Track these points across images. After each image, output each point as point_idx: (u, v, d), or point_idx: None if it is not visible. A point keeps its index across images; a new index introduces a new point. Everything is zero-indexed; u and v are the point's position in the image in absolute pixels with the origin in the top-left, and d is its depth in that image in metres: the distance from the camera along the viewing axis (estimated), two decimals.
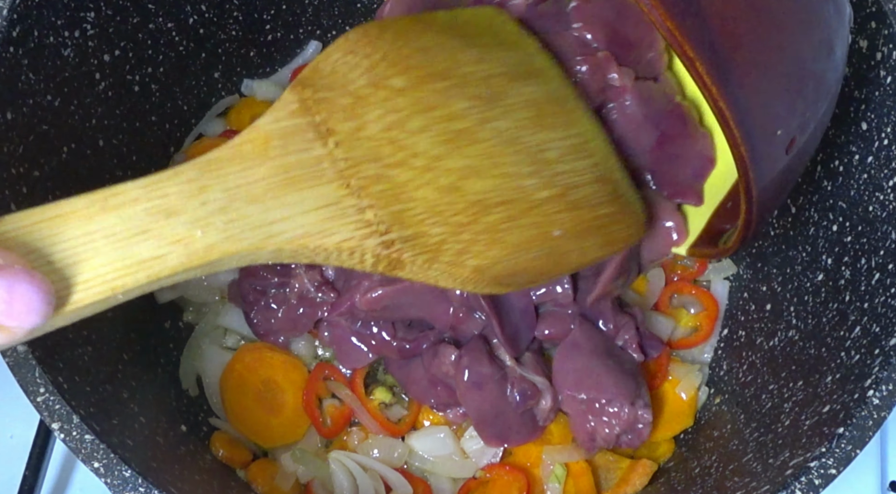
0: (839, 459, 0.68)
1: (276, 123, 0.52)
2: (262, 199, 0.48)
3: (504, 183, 0.60)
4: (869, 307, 0.75)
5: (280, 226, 0.48)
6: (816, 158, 0.86)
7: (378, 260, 0.53)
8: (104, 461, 0.66)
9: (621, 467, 0.93)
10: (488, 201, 0.59)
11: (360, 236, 0.52)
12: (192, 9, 0.96)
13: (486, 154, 0.60)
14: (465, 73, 0.62)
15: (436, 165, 0.57)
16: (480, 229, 0.58)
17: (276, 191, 0.49)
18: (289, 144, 0.51)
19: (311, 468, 0.91)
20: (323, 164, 0.52)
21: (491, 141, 0.60)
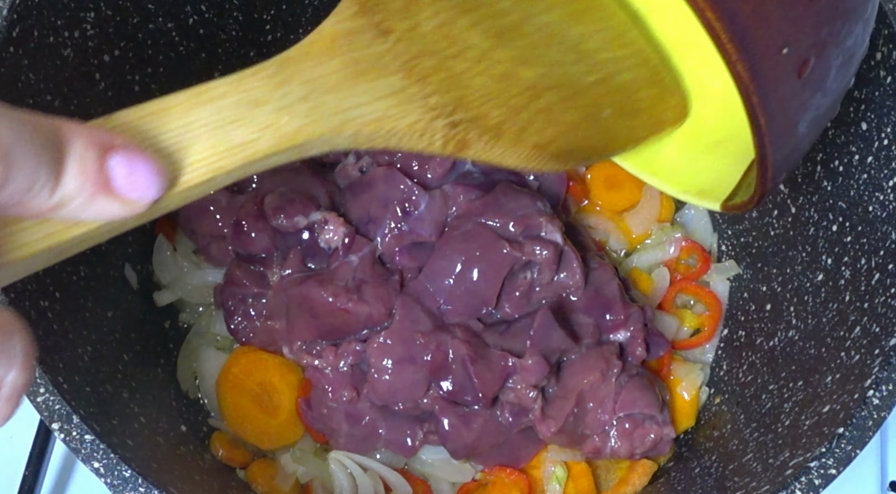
0: (839, 459, 0.68)
1: (340, 24, 0.56)
2: (336, 89, 0.52)
3: (552, 70, 0.65)
4: (869, 308, 0.75)
5: (356, 111, 0.52)
6: (816, 158, 0.86)
7: (447, 140, 0.57)
8: (104, 461, 0.66)
9: (621, 467, 0.93)
10: (539, 85, 0.63)
11: (429, 118, 0.56)
12: (192, 9, 0.96)
13: (533, 45, 0.65)
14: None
15: (488, 55, 0.62)
16: (536, 111, 0.62)
17: (348, 82, 0.53)
18: (353, 42, 0.55)
19: (310, 468, 0.91)
20: (386, 57, 0.56)
21: (536, 34, 0.65)
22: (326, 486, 0.90)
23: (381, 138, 0.54)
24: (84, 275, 0.83)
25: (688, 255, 1.03)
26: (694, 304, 1.02)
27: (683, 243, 1.03)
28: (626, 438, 0.89)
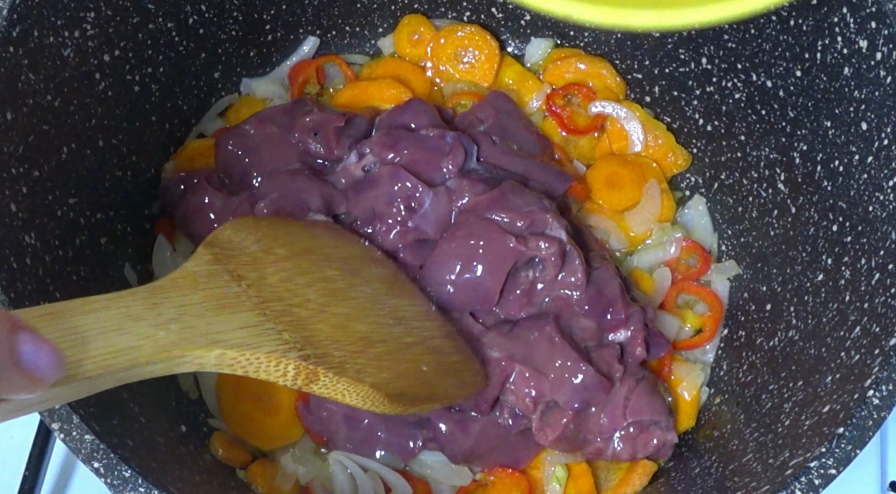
0: (839, 459, 0.68)
1: (199, 267, 0.67)
2: (203, 316, 0.61)
3: (378, 329, 0.78)
4: (869, 308, 0.75)
5: (222, 335, 0.61)
6: (816, 159, 0.86)
7: (298, 372, 0.65)
8: (104, 461, 0.66)
9: (621, 467, 0.93)
10: (371, 338, 0.75)
11: (283, 350, 0.65)
12: (191, 9, 0.96)
13: (360, 308, 0.78)
14: (327, 252, 0.83)
15: (325, 309, 0.74)
16: (370, 358, 0.73)
17: (211, 312, 0.62)
18: (212, 282, 0.66)
19: (310, 468, 0.91)
20: (242, 297, 0.67)
21: (360, 299, 0.79)
22: (326, 486, 0.90)
23: (242, 364, 0.62)
24: (84, 275, 0.83)
25: (688, 255, 1.03)
26: (695, 304, 1.02)
27: (684, 243, 1.03)
28: (630, 442, 0.89)
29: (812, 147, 0.87)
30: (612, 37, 1.08)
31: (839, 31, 0.80)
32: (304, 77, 1.07)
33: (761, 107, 0.94)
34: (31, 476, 0.93)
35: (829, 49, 0.81)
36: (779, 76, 0.89)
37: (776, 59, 0.89)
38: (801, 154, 0.89)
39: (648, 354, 0.92)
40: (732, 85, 0.97)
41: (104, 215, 0.90)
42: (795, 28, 0.85)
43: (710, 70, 0.99)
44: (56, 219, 0.80)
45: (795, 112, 0.88)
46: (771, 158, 0.94)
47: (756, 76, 0.93)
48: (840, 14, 0.79)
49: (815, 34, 0.83)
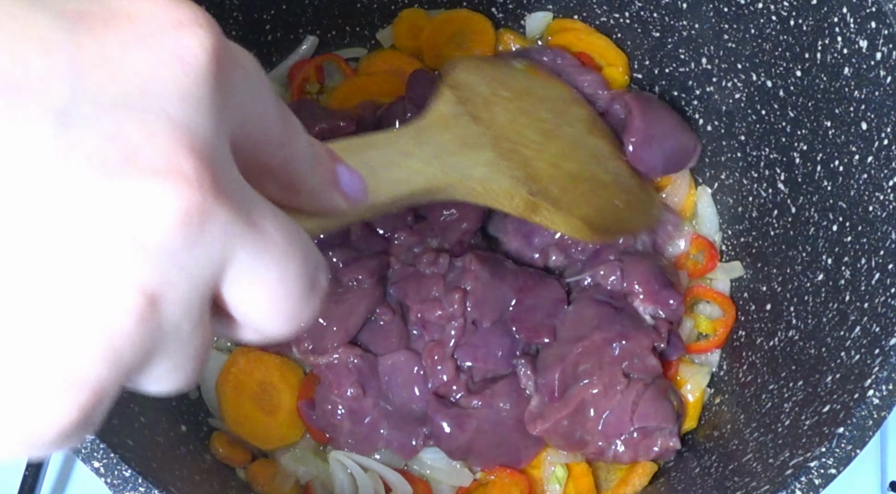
0: (839, 459, 0.68)
1: (447, 108, 0.75)
2: (454, 153, 0.69)
3: (583, 167, 0.87)
4: (869, 307, 0.75)
5: (470, 171, 0.69)
6: (816, 158, 0.86)
7: (526, 204, 0.74)
8: (104, 460, 0.66)
9: (621, 468, 0.93)
10: (578, 176, 0.85)
11: (514, 185, 0.73)
12: None
13: (567, 147, 0.87)
14: (539, 93, 0.92)
15: (542, 148, 0.83)
16: (578, 194, 0.82)
17: (460, 150, 0.70)
18: (457, 122, 0.74)
19: (310, 468, 0.91)
20: (481, 137, 0.75)
21: (566, 139, 0.89)
22: (326, 486, 0.90)
23: (483, 196, 0.70)
24: None
25: (696, 250, 1.03)
26: (696, 304, 1.02)
27: (694, 237, 1.03)
28: (633, 447, 0.89)
29: (812, 147, 0.87)
30: (611, 36, 1.08)
31: (839, 31, 0.80)
32: (304, 76, 1.07)
33: (761, 107, 0.94)
34: (31, 476, 0.93)
35: (829, 49, 0.81)
36: (779, 76, 0.89)
37: (776, 59, 0.89)
38: (801, 154, 0.89)
39: (663, 358, 0.92)
40: (732, 85, 0.97)
41: None
42: (795, 28, 0.85)
43: (710, 70, 0.99)
44: None
45: (795, 112, 0.88)
46: (771, 158, 0.94)
47: (756, 76, 0.93)
48: (840, 14, 0.79)
49: (815, 34, 0.83)
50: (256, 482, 0.89)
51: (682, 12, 0.97)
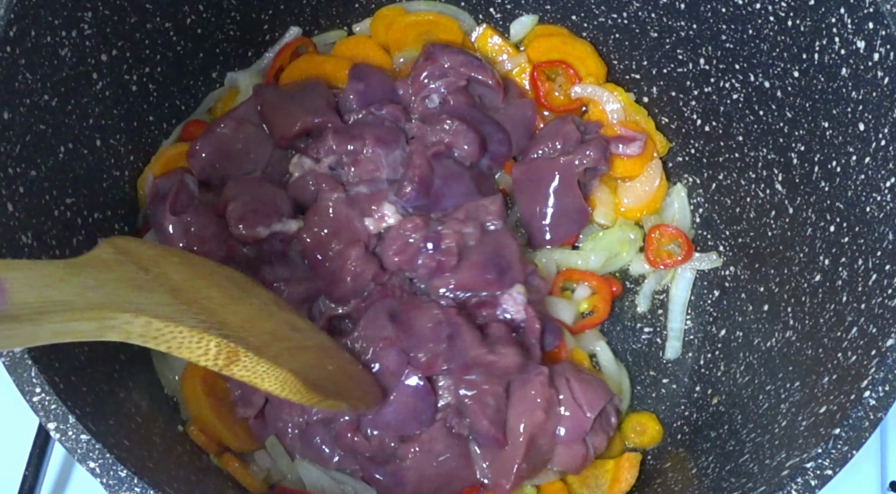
0: (835, 460, 0.68)
1: (106, 255, 0.69)
2: (124, 289, 0.63)
3: (280, 329, 0.80)
4: (866, 308, 0.75)
5: (145, 307, 0.63)
6: (814, 159, 0.86)
7: (220, 349, 0.66)
8: (100, 461, 0.66)
9: (608, 469, 0.93)
10: (277, 334, 0.77)
11: (204, 327, 0.66)
12: (189, 9, 0.96)
13: (258, 311, 0.80)
14: (213, 269, 0.84)
15: (228, 307, 0.75)
16: (282, 348, 0.75)
17: (130, 289, 0.64)
18: (123, 267, 0.68)
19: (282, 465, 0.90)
20: (153, 283, 0.68)
21: (256, 305, 0.82)
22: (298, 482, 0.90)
23: (167, 337, 0.64)
24: None
25: (670, 241, 1.05)
26: (580, 289, 1.04)
27: (669, 229, 1.05)
28: (601, 432, 0.91)
29: (810, 148, 0.87)
30: (609, 37, 1.08)
31: (837, 32, 0.80)
32: (281, 63, 1.07)
33: (759, 107, 0.94)
34: (31, 476, 0.94)
35: (826, 50, 0.81)
36: (776, 77, 0.89)
37: (774, 59, 0.89)
38: (798, 155, 0.89)
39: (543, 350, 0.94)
40: (730, 85, 0.97)
41: (101, 214, 0.90)
42: (793, 29, 0.85)
43: (708, 71, 0.99)
44: (53, 219, 0.80)
45: (793, 113, 0.88)
46: (769, 159, 0.94)
47: (754, 77, 0.93)
48: (838, 15, 0.79)
49: (812, 35, 0.83)
50: (229, 468, 0.88)
51: (680, 13, 0.97)
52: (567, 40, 1.08)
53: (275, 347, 0.73)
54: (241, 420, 0.91)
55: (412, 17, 1.08)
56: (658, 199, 1.07)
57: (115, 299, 0.60)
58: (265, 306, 0.83)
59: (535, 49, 1.09)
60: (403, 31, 1.08)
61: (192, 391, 0.91)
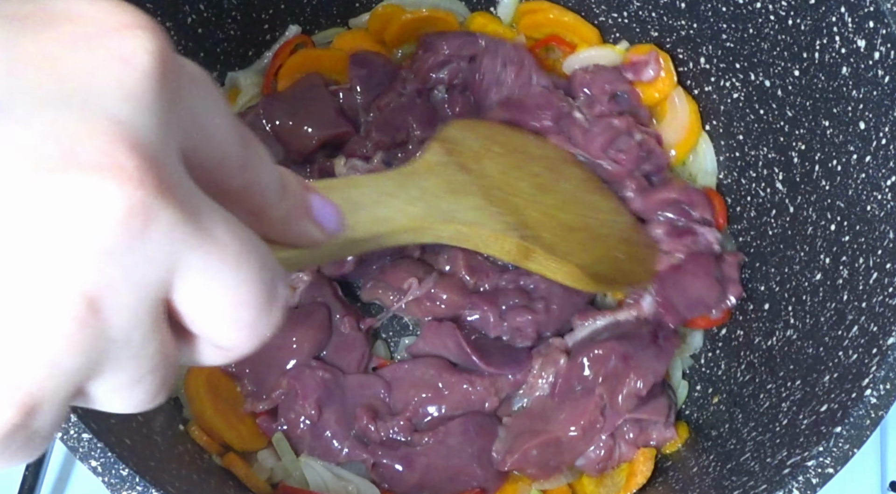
0: (836, 458, 0.68)
1: (434, 157, 0.75)
2: (440, 197, 0.69)
3: (579, 219, 0.86)
4: (867, 307, 0.75)
5: (456, 214, 0.68)
6: (814, 158, 0.86)
7: (518, 249, 0.73)
8: (101, 459, 0.66)
9: (622, 466, 0.93)
10: (573, 226, 0.84)
11: (504, 230, 0.72)
12: (190, 8, 0.96)
13: (562, 200, 0.86)
14: (532, 152, 0.92)
15: (535, 199, 0.82)
16: (574, 242, 0.81)
17: (446, 194, 0.70)
18: (446, 169, 0.74)
19: (287, 464, 0.90)
20: (469, 185, 0.74)
21: (562, 193, 0.88)
22: (301, 481, 0.90)
23: (472, 240, 0.69)
24: None
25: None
26: None
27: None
28: (633, 444, 0.91)
29: (810, 146, 0.87)
30: (609, 36, 1.08)
31: (837, 31, 0.80)
32: (281, 62, 1.07)
33: (759, 106, 0.94)
34: (31, 476, 0.93)
35: (827, 48, 0.81)
36: (777, 76, 0.89)
37: (774, 58, 0.89)
38: (799, 153, 0.89)
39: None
40: (731, 85, 0.97)
41: None
42: (793, 27, 0.85)
43: (709, 69, 0.99)
44: None
45: (793, 111, 0.88)
46: (769, 158, 0.94)
47: (754, 76, 0.93)
48: (838, 13, 0.79)
49: (813, 33, 0.83)
50: (234, 468, 0.88)
51: (680, 12, 0.97)
52: (552, 13, 1.08)
53: (569, 240, 0.80)
54: (246, 420, 0.91)
55: (409, 15, 1.08)
56: (694, 132, 1.03)
57: (431, 210, 0.66)
58: (572, 192, 0.90)
59: (524, 27, 1.09)
60: (401, 27, 1.08)
61: (196, 392, 0.90)
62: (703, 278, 0.93)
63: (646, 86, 1.03)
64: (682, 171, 1.05)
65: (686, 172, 1.05)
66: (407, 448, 0.88)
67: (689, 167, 1.05)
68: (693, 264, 0.93)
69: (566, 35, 1.08)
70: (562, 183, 0.90)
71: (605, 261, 0.84)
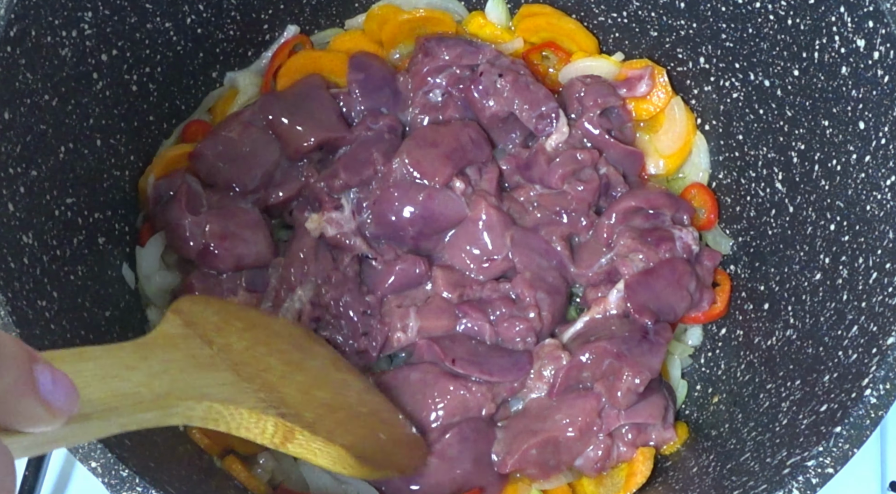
0: (836, 458, 0.68)
1: (174, 329, 0.70)
2: (187, 372, 0.64)
3: (336, 397, 0.81)
4: (866, 307, 0.75)
5: (207, 390, 0.64)
6: (814, 158, 0.86)
7: (277, 429, 0.68)
8: (101, 460, 0.66)
9: (621, 466, 0.93)
10: (332, 404, 0.78)
11: (263, 407, 0.67)
12: (189, 9, 0.96)
13: (315, 377, 0.81)
14: (275, 329, 0.87)
15: (288, 376, 0.77)
16: (335, 421, 0.75)
17: (193, 369, 0.65)
18: (187, 343, 0.69)
19: (286, 466, 0.90)
20: (215, 359, 0.69)
21: (313, 370, 0.83)
22: (301, 483, 0.90)
23: (226, 419, 0.65)
24: (82, 275, 0.83)
25: (699, 204, 1.03)
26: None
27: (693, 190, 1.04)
28: (632, 445, 0.91)
29: (810, 146, 0.87)
30: (609, 36, 1.08)
31: (837, 31, 0.80)
32: (280, 62, 1.07)
33: (759, 106, 0.94)
34: (31, 476, 0.94)
35: (826, 48, 0.81)
36: (776, 75, 0.89)
37: (774, 58, 0.89)
38: (798, 153, 0.89)
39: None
40: (730, 84, 0.97)
41: (102, 214, 0.90)
42: (793, 27, 0.85)
43: (708, 69, 0.99)
44: (54, 219, 0.80)
45: (793, 111, 0.88)
46: (769, 158, 0.94)
47: (754, 75, 0.93)
48: (838, 13, 0.79)
49: (812, 33, 0.83)
50: (234, 470, 0.88)
51: (680, 12, 0.97)
52: (553, 18, 1.08)
53: (329, 420, 0.75)
54: None
55: (405, 15, 1.08)
56: (689, 141, 1.04)
57: (179, 386, 0.61)
58: (323, 369, 0.85)
59: (523, 30, 1.09)
60: (397, 27, 1.08)
61: None
62: (675, 286, 0.94)
63: (639, 100, 1.04)
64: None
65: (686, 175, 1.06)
66: None
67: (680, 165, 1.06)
68: (667, 269, 0.94)
69: (564, 42, 1.08)
70: (310, 361, 0.84)
71: (368, 441, 0.78)
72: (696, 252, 0.97)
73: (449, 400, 0.90)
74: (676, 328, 1.00)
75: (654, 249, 0.95)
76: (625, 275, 0.94)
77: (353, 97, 1.02)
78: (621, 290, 0.94)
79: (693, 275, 0.95)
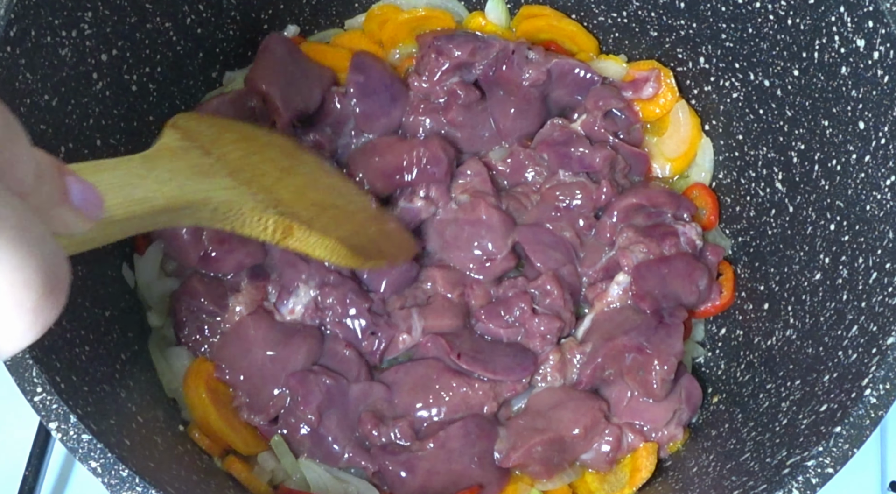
0: (836, 458, 0.68)
1: (174, 142, 0.73)
2: (191, 178, 0.68)
3: (327, 197, 0.87)
4: (866, 306, 0.75)
5: (210, 193, 0.68)
6: (814, 158, 0.86)
7: (277, 225, 0.73)
8: (101, 460, 0.66)
9: (625, 463, 0.93)
10: (323, 204, 0.85)
11: (262, 207, 0.72)
12: (189, 9, 0.96)
13: (306, 181, 0.87)
14: (265, 140, 0.90)
15: (282, 180, 0.82)
16: (328, 218, 0.82)
17: (196, 176, 0.69)
18: (188, 153, 0.72)
19: (287, 466, 0.90)
20: (215, 167, 0.73)
21: (305, 175, 0.88)
22: (302, 483, 0.90)
23: (230, 218, 0.70)
24: (81, 275, 0.83)
25: (701, 205, 1.03)
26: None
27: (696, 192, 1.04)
28: (640, 433, 0.92)
29: (810, 146, 0.87)
30: (609, 36, 1.08)
31: (837, 31, 0.80)
32: None
33: (759, 106, 0.94)
34: (31, 476, 0.93)
35: (826, 48, 0.81)
36: (776, 75, 0.89)
37: (774, 58, 0.89)
38: (798, 153, 0.89)
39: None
40: (730, 84, 0.97)
41: None
42: (793, 27, 0.85)
43: (708, 69, 0.99)
44: None
45: (793, 111, 0.88)
46: (769, 158, 0.94)
47: (754, 76, 0.93)
48: (837, 13, 0.79)
49: (812, 33, 0.83)
50: (234, 471, 0.88)
51: (679, 12, 0.97)
52: (553, 20, 1.08)
53: (323, 217, 0.81)
54: (248, 423, 0.91)
55: (405, 15, 1.08)
56: (695, 145, 1.04)
57: (186, 190, 0.65)
58: (312, 174, 0.91)
59: (523, 31, 1.09)
60: (397, 27, 1.08)
61: (197, 398, 0.90)
62: (686, 279, 0.95)
63: (645, 103, 1.04)
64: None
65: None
66: (409, 454, 0.88)
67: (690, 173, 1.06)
68: (681, 262, 0.95)
69: (565, 43, 1.08)
70: (301, 167, 0.90)
71: (360, 235, 0.85)
72: (699, 247, 0.98)
73: (452, 396, 0.90)
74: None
75: (658, 242, 0.95)
76: (624, 267, 0.94)
77: (349, 98, 1.02)
78: (621, 282, 0.94)
79: (705, 271, 0.95)
